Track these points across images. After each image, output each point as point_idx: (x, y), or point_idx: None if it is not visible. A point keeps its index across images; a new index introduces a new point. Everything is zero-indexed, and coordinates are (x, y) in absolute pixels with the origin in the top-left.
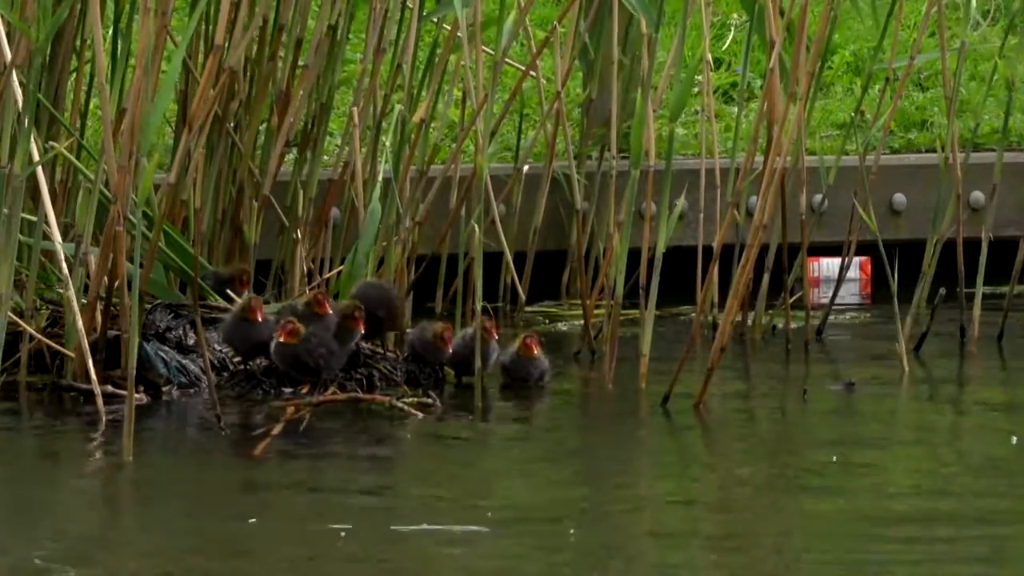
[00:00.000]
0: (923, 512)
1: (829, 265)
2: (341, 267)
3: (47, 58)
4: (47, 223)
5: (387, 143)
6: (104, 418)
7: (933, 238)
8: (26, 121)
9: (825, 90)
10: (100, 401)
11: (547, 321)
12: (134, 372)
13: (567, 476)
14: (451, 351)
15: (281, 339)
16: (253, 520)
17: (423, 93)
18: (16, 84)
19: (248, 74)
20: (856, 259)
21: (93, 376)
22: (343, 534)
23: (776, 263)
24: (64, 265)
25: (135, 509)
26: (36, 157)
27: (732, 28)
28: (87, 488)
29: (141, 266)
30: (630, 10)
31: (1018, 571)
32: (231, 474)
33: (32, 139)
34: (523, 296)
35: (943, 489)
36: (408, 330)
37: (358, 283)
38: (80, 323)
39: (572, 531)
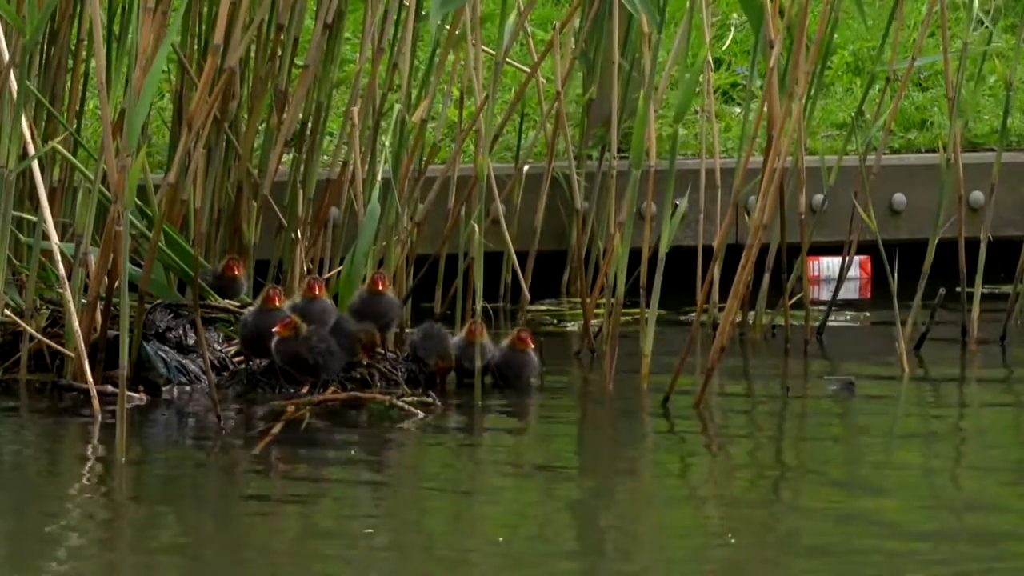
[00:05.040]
0: (923, 513)
1: (829, 264)
2: (340, 267)
3: (44, 56)
4: (45, 223)
5: (386, 143)
6: (100, 418)
7: (935, 238)
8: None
9: (825, 90)
10: (96, 402)
11: (556, 321)
12: (126, 371)
13: (567, 476)
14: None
15: (277, 331)
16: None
17: (422, 93)
18: (13, 81)
19: (246, 74)
20: (856, 258)
21: (89, 376)
22: (370, 531)
23: (776, 263)
24: (60, 265)
25: (131, 509)
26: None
27: (732, 28)
28: (82, 488)
29: (139, 265)
30: (630, 10)
31: (1020, 571)
32: (231, 474)
33: (30, 138)
34: (527, 295)
35: (944, 490)
36: (408, 330)
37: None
38: (76, 323)
39: (572, 530)
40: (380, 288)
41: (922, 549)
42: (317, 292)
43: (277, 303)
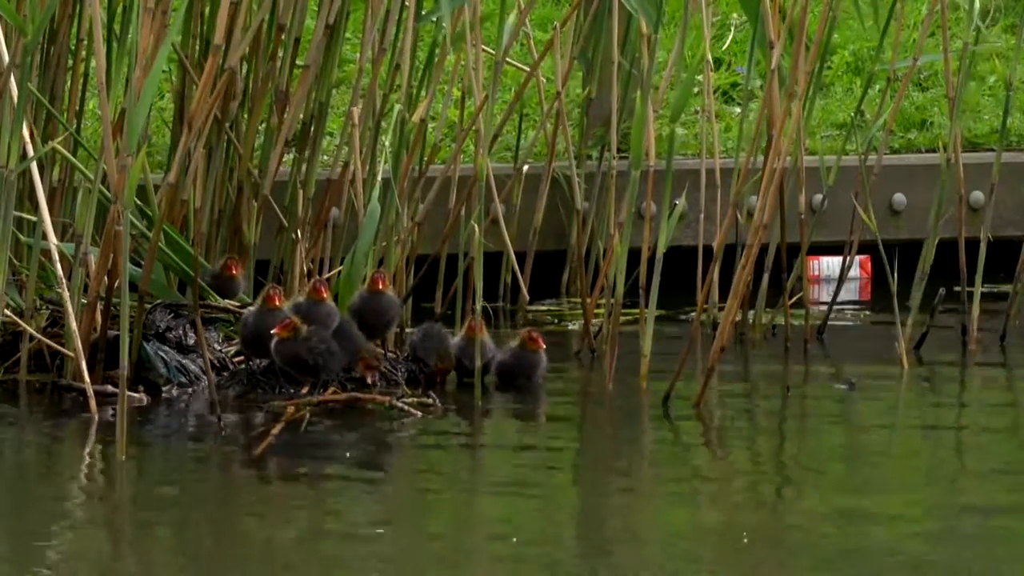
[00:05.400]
0: (923, 512)
1: (829, 264)
2: (340, 267)
3: (44, 56)
4: (45, 223)
5: (386, 143)
6: (99, 418)
7: (934, 238)
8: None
9: (825, 90)
10: (93, 402)
11: (557, 321)
12: (126, 371)
13: (567, 475)
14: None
15: (276, 332)
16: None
17: (422, 93)
18: (13, 82)
19: (247, 74)
20: (856, 258)
21: (86, 376)
22: (380, 531)
23: (776, 263)
24: (59, 265)
25: (131, 509)
26: (32, 155)
27: (732, 28)
28: (82, 488)
29: (139, 265)
30: (629, 10)
31: (1020, 571)
32: (230, 474)
33: (30, 138)
34: (526, 295)
35: (944, 488)
36: (408, 330)
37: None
38: (74, 323)
39: (572, 530)
40: (380, 288)
41: (922, 549)
42: (324, 295)
43: (277, 303)
